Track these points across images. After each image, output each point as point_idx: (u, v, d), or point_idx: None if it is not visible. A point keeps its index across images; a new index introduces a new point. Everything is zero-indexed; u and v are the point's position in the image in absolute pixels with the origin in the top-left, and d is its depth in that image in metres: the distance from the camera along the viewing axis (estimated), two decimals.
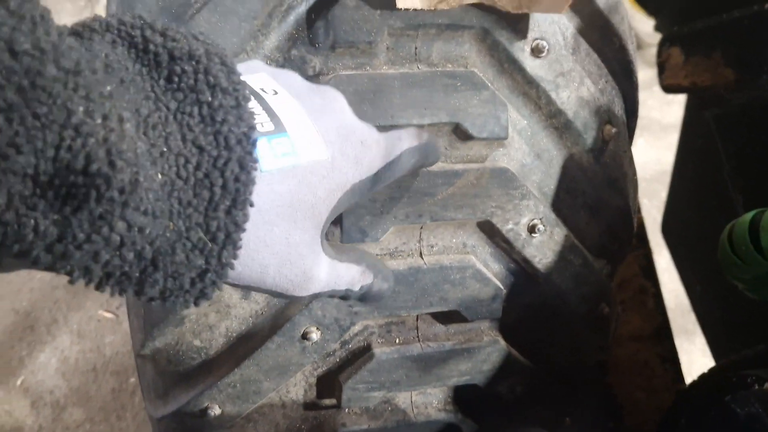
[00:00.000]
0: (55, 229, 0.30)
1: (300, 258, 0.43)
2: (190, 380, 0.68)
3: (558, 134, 0.67)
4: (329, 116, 0.45)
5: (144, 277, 0.35)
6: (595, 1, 0.67)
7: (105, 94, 0.31)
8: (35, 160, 0.29)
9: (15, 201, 0.29)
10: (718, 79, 1.08)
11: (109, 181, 0.30)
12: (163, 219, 0.33)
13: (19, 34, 0.27)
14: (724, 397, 0.68)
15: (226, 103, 0.37)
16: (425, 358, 0.67)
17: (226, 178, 0.36)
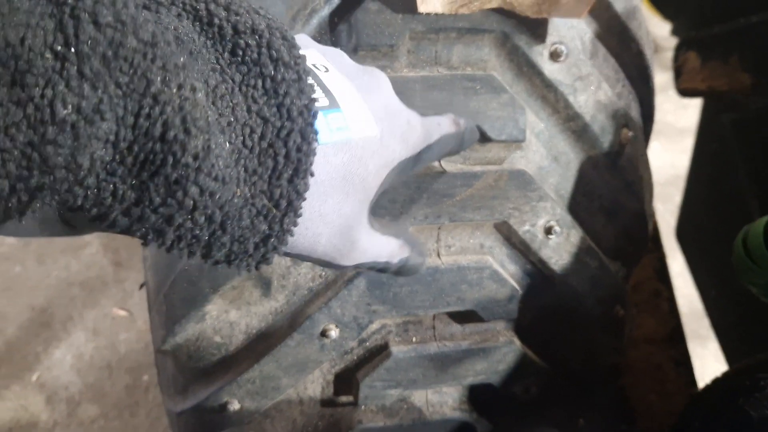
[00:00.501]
0: (133, 194, 0.32)
1: (350, 229, 0.44)
2: (210, 376, 0.70)
3: (575, 137, 0.68)
4: (377, 95, 0.46)
5: (213, 240, 0.36)
6: (614, 6, 0.68)
7: (179, 64, 0.32)
8: (116, 126, 0.30)
9: (96, 166, 0.30)
10: (734, 84, 1.09)
11: (184, 147, 0.32)
12: (231, 185, 0.35)
13: (102, 6, 0.29)
14: (738, 400, 0.68)
15: (288, 77, 0.38)
16: (441, 357, 0.67)
17: (289, 148, 0.37)
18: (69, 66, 0.28)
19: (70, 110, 0.28)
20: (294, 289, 0.65)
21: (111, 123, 0.30)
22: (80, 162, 0.30)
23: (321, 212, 0.42)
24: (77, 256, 1.83)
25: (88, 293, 1.77)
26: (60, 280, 1.78)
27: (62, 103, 0.28)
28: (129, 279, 1.80)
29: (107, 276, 1.80)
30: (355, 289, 0.63)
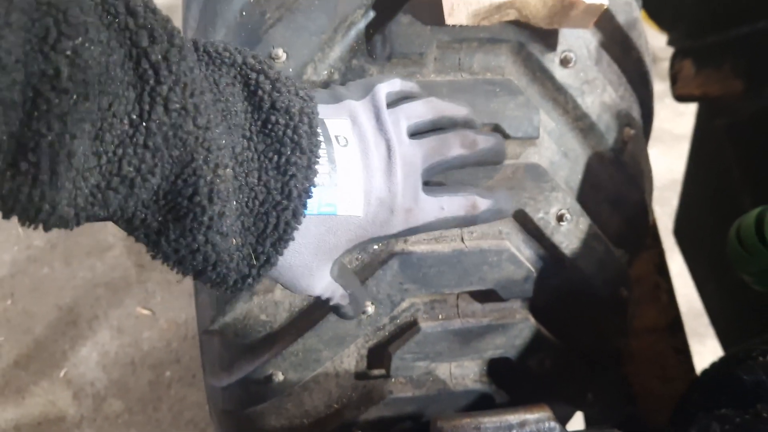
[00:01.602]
0: (157, 225, 0.42)
1: (309, 277, 0.54)
2: (256, 351, 0.77)
3: (583, 135, 0.76)
4: (379, 179, 0.54)
5: (203, 272, 0.46)
6: (616, 18, 0.76)
7: (221, 146, 0.42)
8: (161, 180, 0.40)
9: (139, 203, 0.40)
10: (727, 90, 1.16)
11: (204, 210, 0.42)
12: (230, 238, 0.45)
13: (173, 94, 0.38)
14: (733, 370, 0.75)
15: (300, 163, 0.47)
16: (465, 332, 0.75)
17: (279, 220, 0.47)
18: (138, 135, 0.37)
19: (132, 170, 0.38)
20: None
21: (158, 177, 0.39)
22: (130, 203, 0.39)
23: (290, 263, 0.51)
24: (102, 258, 1.90)
25: (112, 293, 1.84)
26: (86, 281, 1.85)
27: (127, 163, 0.37)
28: (151, 280, 1.87)
29: (131, 277, 1.87)
30: (389, 270, 0.71)
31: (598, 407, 1.01)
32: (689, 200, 1.46)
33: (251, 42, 0.67)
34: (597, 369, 0.85)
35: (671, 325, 1.23)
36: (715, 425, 0.68)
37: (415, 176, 0.56)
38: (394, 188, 0.54)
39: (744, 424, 0.64)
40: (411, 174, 0.56)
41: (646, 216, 0.82)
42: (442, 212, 0.58)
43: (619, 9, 0.76)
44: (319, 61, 0.69)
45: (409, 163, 0.56)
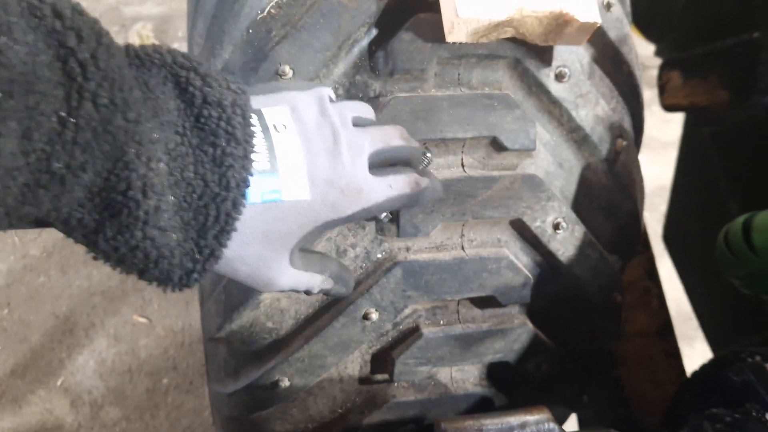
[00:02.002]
0: (93, 224, 0.42)
1: (267, 270, 0.53)
2: (262, 358, 0.79)
3: (577, 146, 0.79)
4: (323, 160, 0.53)
5: (145, 270, 0.45)
6: (608, 34, 0.79)
7: (153, 140, 0.43)
8: (94, 177, 0.40)
9: (73, 201, 0.40)
10: (714, 100, 1.19)
11: (138, 204, 0.42)
12: (170, 233, 0.45)
13: (101, 89, 0.39)
14: (723, 371, 0.78)
15: (235, 153, 0.47)
16: (465, 337, 0.78)
17: (219, 212, 0.46)
18: (67, 132, 0.38)
19: (62, 166, 0.38)
20: None
21: (91, 174, 0.39)
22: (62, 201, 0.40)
23: (241, 255, 0.51)
24: (98, 266, 1.90)
25: (109, 301, 1.85)
26: (82, 290, 1.86)
27: (56, 159, 0.37)
28: (148, 288, 1.88)
29: (127, 285, 1.88)
30: (393, 277, 0.73)
31: (592, 409, 1.03)
32: (678, 207, 1.49)
33: (258, 59, 0.70)
34: (592, 372, 0.88)
35: (662, 329, 1.26)
36: (706, 424, 0.71)
37: (362, 158, 0.55)
38: (341, 169, 0.53)
39: (734, 423, 0.67)
40: (358, 155, 0.55)
41: (638, 223, 0.85)
42: (391, 190, 0.57)
43: (611, 25, 0.79)
44: (324, 77, 0.71)
45: (355, 145, 0.55)
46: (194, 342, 1.80)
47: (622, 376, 1.20)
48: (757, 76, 1.09)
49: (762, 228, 0.80)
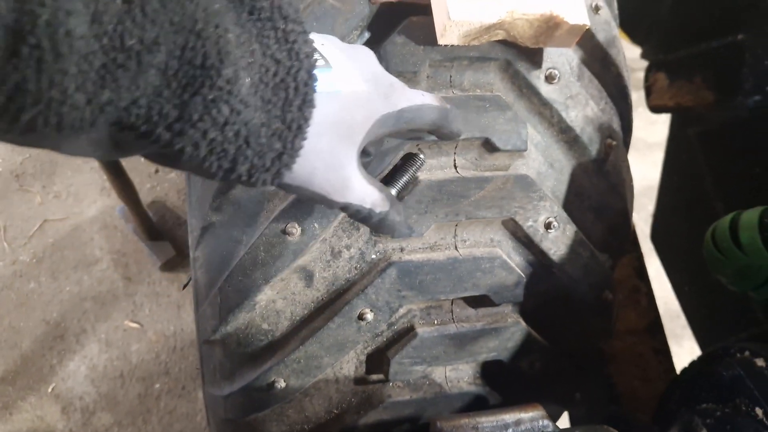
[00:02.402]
0: (175, 111, 0.39)
1: (341, 168, 0.53)
2: (258, 359, 0.79)
3: (568, 147, 0.80)
4: (365, 63, 0.56)
5: (238, 154, 0.43)
6: (596, 37, 0.81)
7: (217, 10, 0.41)
8: (167, 57, 0.38)
9: (149, 90, 0.38)
10: (699, 101, 1.21)
11: (219, 72, 0.40)
12: (252, 109, 0.43)
13: None
14: (712, 367, 0.80)
15: (296, 29, 0.47)
16: (460, 336, 0.78)
17: (297, 82, 0.46)
18: (134, 8, 0.35)
19: (135, 41, 0.36)
20: (333, 280, 0.76)
21: (164, 54, 0.37)
22: (139, 83, 0.37)
23: (316, 148, 0.50)
24: (89, 271, 1.90)
25: (100, 307, 1.84)
26: (73, 295, 1.85)
27: (129, 36, 0.35)
28: (139, 292, 1.88)
29: (118, 290, 1.88)
30: (388, 278, 0.74)
31: (584, 407, 1.04)
32: (665, 206, 1.51)
33: None
34: (584, 370, 0.89)
35: (651, 327, 1.28)
36: (697, 419, 0.72)
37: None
38: (383, 69, 0.57)
39: (724, 417, 0.69)
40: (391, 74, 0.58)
41: (627, 222, 0.86)
42: (424, 98, 0.59)
43: (599, 28, 0.81)
44: None
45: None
46: (186, 346, 1.80)
47: (612, 374, 1.21)
48: (741, 78, 1.11)
49: (748, 226, 0.82)
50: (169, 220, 2.02)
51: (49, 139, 0.37)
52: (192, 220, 0.81)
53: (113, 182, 1.65)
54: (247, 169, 0.45)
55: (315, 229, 0.73)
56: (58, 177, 2.08)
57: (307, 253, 0.74)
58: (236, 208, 0.74)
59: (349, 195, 0.55)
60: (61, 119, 0.35)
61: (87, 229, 1.97)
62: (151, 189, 2.08)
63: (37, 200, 2.03)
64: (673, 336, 2.03)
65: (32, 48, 0.32)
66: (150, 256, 1.90)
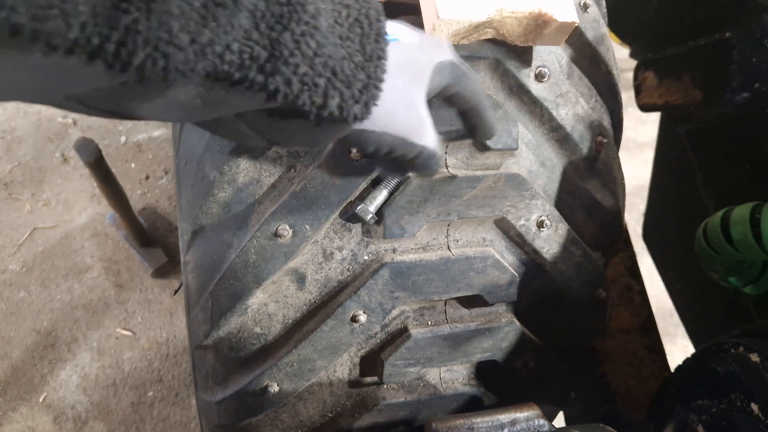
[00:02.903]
0: (265, 52, 0.41)
1: (418, 106, 0.55)
2: (250, 363, 0.79)
3: (558, 145, 0.80)
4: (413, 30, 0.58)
5: (328, 87, 0.45)
6: (585, 35, 0.81)
7: None
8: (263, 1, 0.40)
9: (240, 33, 0.39)
10: (688, 99, 1.21)
11: (304, 7, 0.42)
12: (334, 45, 0.45)
13: None
14: (706, 363, 0.80)
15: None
16: (454, 336, 0.78)
17: (370, 19, 0.48)
18: None
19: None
20: (325, 282, 0.75)
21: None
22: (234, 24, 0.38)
23: (394, 89, 0.52)
24: (80, 279, 1.89)
25: (91, 315, 1.83)
26: (63, 304, 1.83)
27: None
28: (131, 300, 1.86)
29: (109, 298, 1.86)
30: (380, 279, 0.73)
31: (578, 406, 1.04)
32: (656, 204, 1.51)
33: None
34: (578, 368, 0.89)
35: (644, 325, 1.28)
36: (693, 416, 0.72)
37: None
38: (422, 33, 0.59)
39: (720, 413, 0.68)
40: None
41: (619, 220, 0.86)
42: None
43: (588, 26, 0.81)
44: None
45: None
46: (179, 353, 1.79)
47: (606, 373, 1.21)
48: (729, 75, 1.11)
49: (739, 222, 0.82)
50: (160, 226, 2.01)
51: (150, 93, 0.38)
52: (182, 224, 0.80)
53: (103, 189, 1.64)
54: (337, 103, 0.46)
55: (306, 231, 0.72)
56: (47, 185, 2.06)
57: (299, 255, 0.73)
58: (227, 211, 0.73)
59: (426, 137, 0.57)
60: (167, 61, 0.36)
61: (77, 236, 1.96)
62: (142, 195, 2.07)
63: (26, 208, 2.01)
64: (666, 334, 2.04)
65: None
66: (141, 263, 1.89)
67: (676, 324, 2.09)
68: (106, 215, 1.99)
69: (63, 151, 2.12)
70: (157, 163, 2.12)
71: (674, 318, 2.09)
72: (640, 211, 2.33)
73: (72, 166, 2.11)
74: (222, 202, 0.73)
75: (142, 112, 0.41)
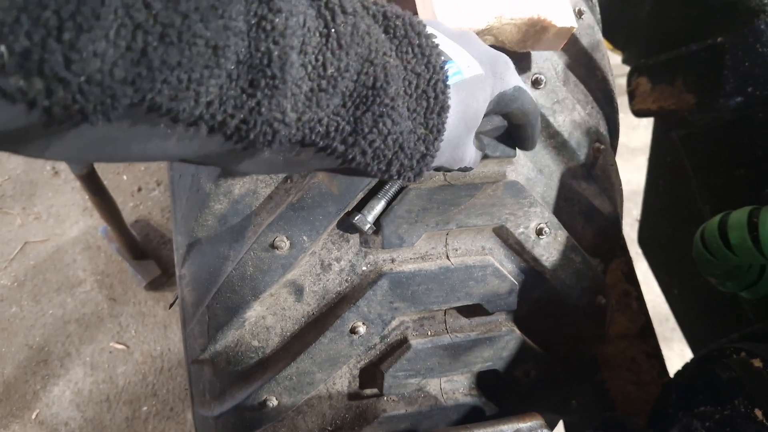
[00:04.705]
0: (348, 127, 0.46)
1: (464, 146, 0.58)
2: (248, 378, 0.78)
3: (556, 152, 0.80)
4: (477, 47, 0.59)
5: (393, 158, 0.50)
6: (580, 41, 0.81)
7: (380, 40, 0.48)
8: (348, 83, 0.45)
9: (330, 109, 0.44)
10: (681, 104, 1.21)
11: (386, 92, 0.47)
12: (405, 120, 0.50)
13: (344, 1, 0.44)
14: (708, 369, 0.79)
15: (429, 44, 0.52)
16: (454, 347, 0.77)
17: (437, 92, 0.51)
18: (332, 41, 0.43)
19: (333, 70, 0.43)
20: (324, 294, 0.74)
21: (349, 77, 0.44)
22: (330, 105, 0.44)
23: (447, 139, 0.55)
24: (72, 293, 1.86)
25: (84, 329, 1.80)
26: (56, 318, 1.81)
27: (330, 64, 0.42)
28: (125, 313, 1.84)
29: (103, 312, 1.84)
30: (380, 290, 0.73)
31: (578, 413, 1.04)
32: (651, 209, 1.51)
33: None
34: (578, 376, 0.88)
35: (642, 331, 1.27)
36: (696, 423, 0.72)
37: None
38: (491, 49, 0.60)
39: (724, 420, 0.68)
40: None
41: (618, 226, 0.86)
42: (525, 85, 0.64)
43: (583, 32, 0.81)
44: None
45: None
46: (174, 367, 1.77)
47: (606, 379, 1.21)
48: (722, 80, 1.11)
49: (737, 226, 0.82)
50: (153, 238, 1.99)
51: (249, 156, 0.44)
52: (178, 237, 0.79)
53: (95, 202, 1.62)
54: (397, 169, 0.52)
55: (304, 242, 0.71)
56: (38, 198, 2.04)
57: (297, 266, 0.72)
58: (223, 223, 0.72)
59: (464, 164, 0.61)
60: (274, 136, 0.41)
61: (69, 250, 1.94)
62: (135, 208, 2.05)
63: (17, 222, 1.99)
64: (663, 339, 2.04)
65: (269, 79, 0.38)
66: (135, 276, 1.87)
67: (673, 328, 2.09)
68: (98, 228, 1.97)
69: (53, 164, 2.10)
70: (149, 175, 2.11)
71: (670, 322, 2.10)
72: (633, 216, 2.33)
73: (63, 179, 2.09)
74: (218, 215, 0.72)
75: (235, 168, 0.46)
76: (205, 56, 0.34)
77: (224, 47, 0.35)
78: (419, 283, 0.74)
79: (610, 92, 0.85)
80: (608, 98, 0.85)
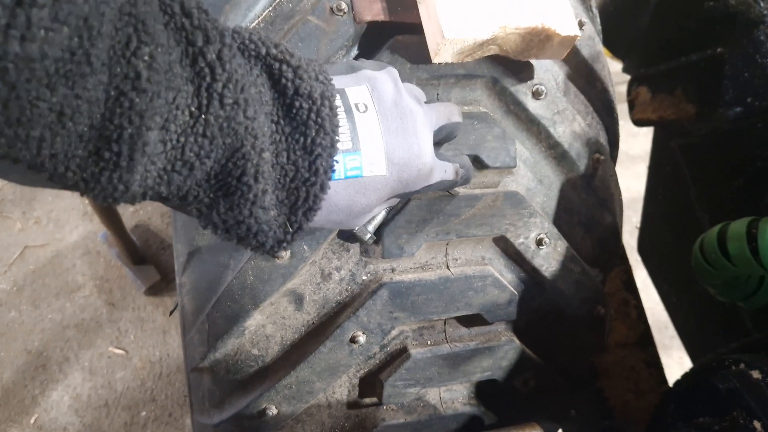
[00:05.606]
0: (208, 201, 0.47)
1: (359, 218, 0.59)
2: (248, 386, 0.78)
3: (556, 162, 0.80)
4: (401, 140, 0.57)
5: (245, 238, 0.51)
6: (581, 52, 0.81)
7: (264, 133, 0.47)
8: (214, 164, 0.45)
9: (194, 182, 0.45)
10: (681, 113, 1.22)
11: (250, 189, 0.47)
12: (270, 210, 0.50)
13: (228, 90, 0.43)
14: (707, 379, 0.79)
15: (324, 143, 0.51)
16: (453, 356, 0.77)
17: (308, 194, 0.52)
18: (198, 126, 0.42)
19: (193, 155, 0.43)
20: (324, 303, 0.75)
21: (212, 161, 0.44)
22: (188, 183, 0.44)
23: (325, 223, 0.57)
24: (71, 298, 1.86)
25: (83, 334, 1.80)
26: (55, 323, 1.81)
27: (189, 149, 0.42)
28: (124, 318, 1.84)
29: (101, 317, 1.84)
30: (379, 299, 0.73)
31: (577, 423, 1.03)
32: (651, 218, 1.51)
33: None
34: (577, 385, 0.89)
35: (641, 340, 1.28)
36: None
37: (430, 135, 0.60)
38: (416, 149, 0.58)
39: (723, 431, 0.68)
40: (428, 133, 0.60)
41: (617, 236, 0.86)
42: (445, 174, 0.63)
43: (583, 43, 0.81)
44: None
45: (427, 122, 0.60)
46: (172, 372, 1.77)
47: (605, 388, 1.21)
48: (722, 90, 1.12)
49: (736, 237, 0.82)
50: (153, 244, 1.99)
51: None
52: (178, 245, 0.79)
53: (95, 207, 1.62)
54: (251, 246, 0.52)
55: (304, 251, 0.71)
56: (38, 203, 2.05)
57: (297, 276, 0.72)
58: None
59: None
60: (117, 202, 0.42)
61: (69, 255, 1.94)
62: (134, 213, 2.05)
63: (17, 227, 1.99)
64: (662, 347, 2.03)
65: (114, 154, 0.38)
66: (134, 281, 1.87)
67: (672, 336, 2.09)
68: (98, 233, 1.97)
69: None
70: None
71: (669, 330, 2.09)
72: (633, 223, 2.33)
73: None
74: None
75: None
76: (47, 118, 0.34)
77: (73, 114, 0.35)
78: (419, 293, 0.74)
79: (610, 103, 0.85)
80: (608, 109, 0.85)
